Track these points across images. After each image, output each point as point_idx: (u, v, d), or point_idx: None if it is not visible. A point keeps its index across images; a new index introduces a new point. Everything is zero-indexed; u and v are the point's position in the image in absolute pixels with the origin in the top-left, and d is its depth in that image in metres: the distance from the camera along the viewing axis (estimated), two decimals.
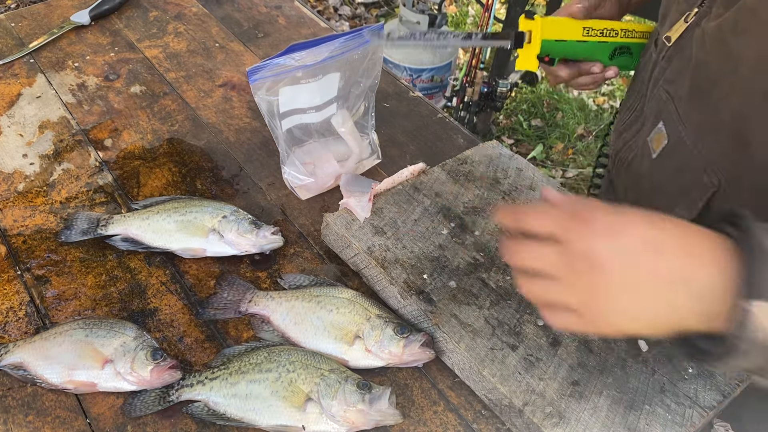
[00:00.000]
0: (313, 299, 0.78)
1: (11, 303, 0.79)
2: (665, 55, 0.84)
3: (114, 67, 1.18)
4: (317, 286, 0.80)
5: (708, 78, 0.76)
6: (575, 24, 0.87)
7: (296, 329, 0.76)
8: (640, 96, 0.92)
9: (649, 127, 0.88)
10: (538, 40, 0.84)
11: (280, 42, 1.27)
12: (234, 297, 0.80)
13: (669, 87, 0.84)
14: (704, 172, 0.78)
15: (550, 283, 0.54)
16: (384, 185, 0.90)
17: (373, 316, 0.75)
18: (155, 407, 0.69)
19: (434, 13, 2.52)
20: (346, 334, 0.74)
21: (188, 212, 0.86)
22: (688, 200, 0.81)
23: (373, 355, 0.73)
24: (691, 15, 0.79)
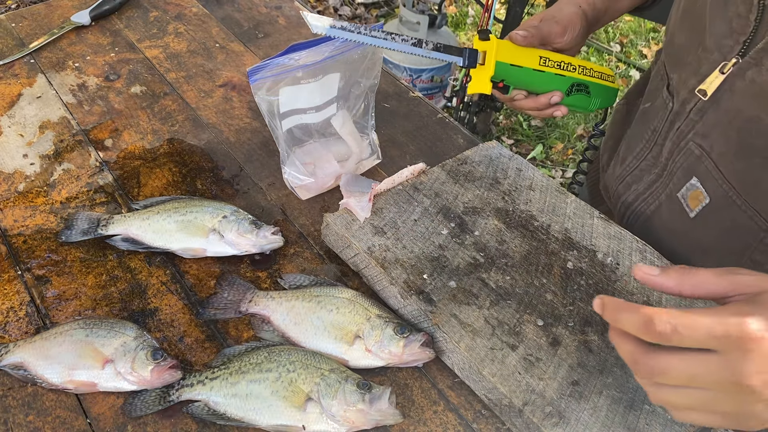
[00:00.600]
0: (314, 299, 0.78)
1: (11, 303, 0.79)
2: (694, 108, 0.77)
3: (114, 68, 1.18)
4: (317, 286, 0.80)
5: (764, 135, 0.69)
6: (531, 52, 0.84)
7: (296, 329, 0.76)
8: (650, 145, 0.86)
9: (676, 183, 0.82)
10: (492, 61, 0.80)
11: (280, 42, 1.27)
12: (234, 297, 0.80)
13: (702, 141, 0.77)
14: (766, 233, 0.73)
15: (703, 394, 0.50)
16: (384, 185, 0.90)
17: (373, 316, 0.75)
18: (155, 407, 0.69)
19: (434, 14, 2.53)
20: (346, 334, 0.75)
21: (188, 212, 0.86)
22: (752, 261, 0.75)
23: (373, 355, 0.73)
24: (729, 66, 0.71)
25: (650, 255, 0.84)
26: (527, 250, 0.84)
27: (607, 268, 0.82)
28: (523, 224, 0.87)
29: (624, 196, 0.91)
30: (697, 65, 0.76)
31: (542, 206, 0.90)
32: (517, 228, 0.87)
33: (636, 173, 0.89)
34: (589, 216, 0.89)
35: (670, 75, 0.83)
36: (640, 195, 0.88)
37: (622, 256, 0.84)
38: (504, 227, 0.87)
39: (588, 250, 0.84)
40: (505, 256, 0.83)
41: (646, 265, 0.54)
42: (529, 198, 0.91)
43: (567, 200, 0.91)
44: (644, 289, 0.80)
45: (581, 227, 0.87)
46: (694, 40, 0.77)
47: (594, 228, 0.87)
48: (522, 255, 0.83)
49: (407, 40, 0.79)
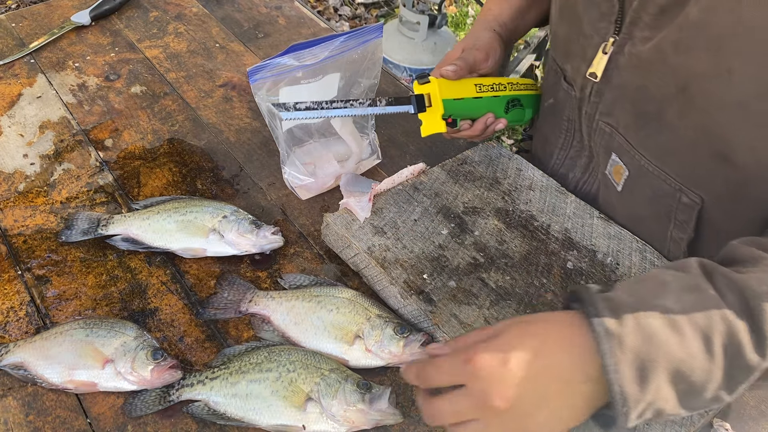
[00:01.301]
0: (314, 299, 0.78)
1: (12, 303, 0.79)
2: (592, 91, 0.83)
3: (114, 68, 1.18)
4: (317, 286, 0.81)
5: (652, 101, 0.75)
6: (467, 82, 0.88)
7: (296, 329, 0.76)
8: (569, 133, 0.92)
9: (602, 161, 0.88)
10: (439, 101, 0.84)
11: (280, 42, 1.27)
12: (234, 297, 0.80)
13: (608, 119, 0.83)
14: (681, 192, 0.77)
15: (476, 425, 0.55)
16: (384, 185, 0.90)
17: (373, 316, 0.75)
18: (156, 407, 0.69)
19: (434, 14, 2.52)
20: (346, 334, 0.75)
21: (188, 212, 0.86)
22: (678, 222, 0.80)
23: (373, 354, 0.73)
24: (608, 45, 0.78)
25: (650, 255, 0.84)
26: (527, 250, 0.84)
27: (607, 268, 0.82)
28: (523, 224, 0.87)
29: (567, 186, 0.96)
30: (583, 52, 0.83)
31: (542, 206, 0.90)
32: (517, 228, 0.87)
33: (568, 162, 0.95)
34: (589, 216, 0.89)
35: (563, 67, 0.90)
36: (579, 179, 0.95)
37: (622, 256, 0.84)
38: (504, 227, 0.87)
39: (588, 250, 0.84)
40: (505, 256, 0.83)
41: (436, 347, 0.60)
42: (529, 198, 0.91)
43: (567, 200, 0.91)
44: None
45: (581, 227, 0.87)
46: (574, 31, 0.84)
47: (594, 228, 0.87)
48: (522, 255, 0.83)
49: (363, 103, 0.83)
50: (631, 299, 0.55)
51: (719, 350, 0.53)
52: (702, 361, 0.53)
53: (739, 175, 0.71)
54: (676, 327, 0.53)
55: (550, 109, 0.96)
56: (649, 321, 0.53)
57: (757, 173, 0.70)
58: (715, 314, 0.54)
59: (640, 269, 0.82)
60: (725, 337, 0.53)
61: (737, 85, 0.65)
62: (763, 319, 0.53)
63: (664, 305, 0.54)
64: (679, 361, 0.53)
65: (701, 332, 0.53)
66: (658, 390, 0.53)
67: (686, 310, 0.54)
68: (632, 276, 0.81)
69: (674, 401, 0.54)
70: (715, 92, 0.67)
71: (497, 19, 0.98)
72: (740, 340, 0.53)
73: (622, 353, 0.52)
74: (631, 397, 0.52)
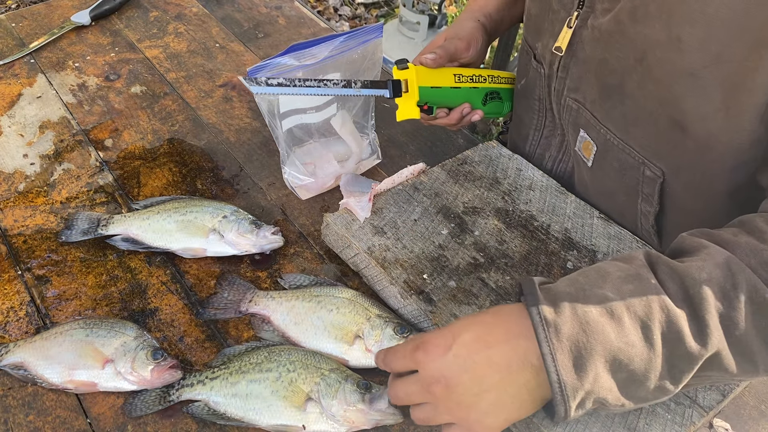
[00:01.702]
0: (314, 299, 0.78)
1: (12, 303, 0.79)
2: (559, 66, 0.84)
3: (114, 68, 1.18)
4: (317, 286, 0.81)
5: (614, 73, 0.75)
6: (446, 71, 0.89)
7: (296, 329, 0.76)
8: (541, 113, 0.94)
9: (572, 138, 0.89)
10: (415, 87, 0.85)
11: (280, 42, 1.27)
12: (234, 297, 0.80)
13: (575, 95, 0.84)
14: (644, 165, 0.79)
15: (427, 407, 0.59)
16: (384, 185, 0.90)
17: (374, 316, 0.75)
18: (156, 407, 0.69)
19: (434, 14, 2.53)
20: (346, 334, 0.75)
21: (188, 212, 0.86)
22: (644, 196, 0.82)
23: (373, 354, 0.73)
24: (573, 19, 0.79)
25: None
26: (527, 250, 0.84)
27: None
28: (523, 224, 0.87)
29: (542, 166, 0.97)
30: (551, 28, 0.84)
31: (542, 206, 0.90)
32: (517, 228, 0.87)
33: (543, 142, 0.97)
34: (589, 216, 0.89)
35: (533, 46, 0.91)
36: (555, 159, 0.96)
37: None
38: (504, 227, 0.87)
39: (588, 250, 0.84)
40: (505, 256, 0.83)
41: None
42: (529, 198, 0.91)
43: (567, 200, 0.91)
44: None
45: (581, 227, 0.87)
46: (544, 8, 0.85)
47: (594, 228, 0.87)
48: (522, 255, 0.83)
49: (338, 83, 0.83)
50: (570, 289, 0.56)
51: (658, 338, 0.53)
52: (641, 350, 0.53)
53: (694, 145, 0.72)
54: (613, 315, 0.54)
55: (522, 91, 0.97)
56: (586, 310, 0.54)
57: (709, 143, 0.71)
58: (655, 303, 0.54)
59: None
60: (664, 325, 0.53)
61: (687, 54, 0.66)
62: (702, 307, 0.53)
63: (603, 294, 0.55)
64: (617, 349, 0.53)
65: (639, 320, 0.53)
66: (597, 378, 0.53)
67: (625, 299, 0.54)
68: None
69: (615, 390, 0.54)
70: (669, 61, 0.68)
71: (482, 10, 0.99)
72: (680, 328, 0.53)
73: (558, 341, 0.53)
74: (569, 385, 0.53)
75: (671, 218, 0.83)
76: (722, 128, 0.69)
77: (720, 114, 0.68)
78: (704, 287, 0.54)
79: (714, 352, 0.54)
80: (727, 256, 0.56)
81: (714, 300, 0.54)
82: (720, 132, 0.69)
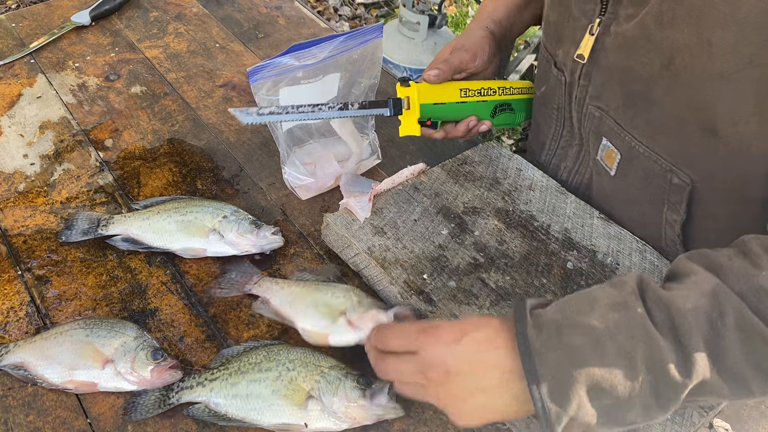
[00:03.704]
0: (313, 287, 0.79)
1: (12, 303, 0.79)
2: (581, 74, 0.84)
3: (114, 68, 1.18)
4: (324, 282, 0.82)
5: (639, 80, 0.75)
6: (452, 86, 0.89)
7: (290, 308, 0.78)
8: (559, 122, 0.93)
9: (593, 147, 0.88)
10: (416, 105, 0.86)
11: (280, 42, 1.27)
12: (241, 278, 0.82)
13: (598, 103, 0.83)
14: (671, 173, 0.78)
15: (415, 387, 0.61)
16: (384, 185, 0.90)
17: (365, 299, 0.77)
18: (155, 410, 0.69)
19: (434, 14, 2.52)
20: (332, 311, 0.75)
21: (189, 212, 0.86)
22: (671, 204, 0.81)
23: (355, 329, 0.74)
24: (595, 26, 0.78)
25: (650, 255, 0.84)
26: (527, 250, 0.84)
27: (607, 269, 0.82)
28: (523, 224, 0.87)
29: (558, 177, 0.96)
30: (572, 35, 0.83)
31: (542, 206, 0.90)
32: (517, 228, 0.87)
33: (560, 152, 0.95)
34: (589, 216, 0.89)
35: (553, 53, 0.90)
36: (571, 170, 0.95)
37: (622, 256, 0.84)
38: (504, 227, 0.87)
39: (588, 250, 0.84)
40: (505, 257, 0.83)
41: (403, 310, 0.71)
42: (529, 198, 0.91)
43: (567, 200, 0.91)
44: None
45: (581, 227, 0.87)
46: (564, 15, 0.84)
47: (594, 228, 0.87)
48: (522, 255, 0.83)
49: (333, 107, 0.84)
50: (557, 316, 0.57)
51: (642, 367, 0.54)
52: (623, 378, 0.54)
53: (726, 150, 0.71)
54: (597, 345, 0.54)
55: (541, 99, 0.96)
56: (571, 339, 0.55)
57: (741, 148, 0.70)
58: (639, 333, 0.55)
59: (640, 269, 0.82)
60: (647, 355, 0.54)
61: (717, 57, 0.65)
62: (687, 336, 0.54)
63: (589, 323, 0.56)
64: (600, 377, 0.54)
65: (623, 350, 0.54)
66: (581, 406, 0.54)
67: (609, 329, 0.55)
68: None
69: (599, 417, 0.55)
70: (698, 65, 0.67)
71: (491, 17, 0.98)
72: (663, 358, 0.54)
73: (542, 367, 0.54)
74: (552, 413, 0.54)
75: (699, 226, 0.81)
76: (756, 132, 0.68)
77: (754, 118, 0.67)
78: (689, 317, 0.54)
79: (700, 380, 0.54)
80: (715, 284, 0.56)
81: (699, 329, 0.54)
82: (753, 136, 0.68)
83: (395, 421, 0.71)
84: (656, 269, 0.82)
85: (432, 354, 0.59)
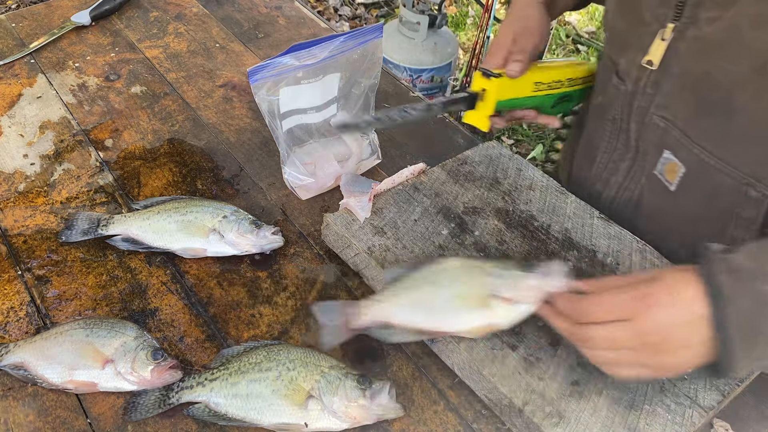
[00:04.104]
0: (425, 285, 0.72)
1: (12, 303, 0.79)
2: (648, 82, 0.80)
3: (114, 68, 1.18)
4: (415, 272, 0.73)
5: (719, 87, 0.71)
6: (527, 80, 0.86)
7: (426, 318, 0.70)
8: (613, 134, 0.88)
9: (650, 161, 0.83)
10: (492, 101, 0.83)
11: (280, 42, 1.27)
12: (339, 318, 0.72)
13: (664, 113, 0.79)
14: (748, 186, 0.74)
15: (622, 352, 0.62)
16: (384, 185, 0.90)
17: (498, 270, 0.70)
18: (155, 410, 0.69)
19: (434, 14, 2.52)
20: (479, 298, 0.69)
21: (189, 212, 0.86)
22: (741, 220, 0.77)
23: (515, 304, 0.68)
24: (668, 31, 0.74)
25: (650, 255, 0.84)
26: (527, 250, 0.84)
27: (607, 269, 0.82)
28: (523, 224, 0.87)
29: (605, 192, 0.93)
30: (640, 42, 0.79)
31: (542, 206, 0.90)
32: (517, 228, 0.87)
33: (611, 166, 0.91)
34: (589, 216, 0.89)
35: (616, 61, 0.85)
36: (621, 185, 0.90)
37: (622, 256, 0.84)
38: (504, 227, 0.87)
39: (588, 250, 0.84)
40: (505, 256, 0.83)
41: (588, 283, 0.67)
42: (529, 198, 0.91)
43: (567, 200, 0.91)
44: None
45: (581, 227, 0.87)
46: (633, 20, 0.80)
47: (594, 228, 0.87)
48: (522, 255, 0.83)
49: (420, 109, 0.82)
50: (750, 264, 0.59)
51: None
52: None
53: None
54: None
55: (596, 110, 0.92)
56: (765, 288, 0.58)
57: None
58: None
59: (640, 269, 0.82)
60: None
61: None
62: None
63: None
64: None
65: None
66: (764, 352, 0.58)
67: None
68: None
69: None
70: None
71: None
72: None
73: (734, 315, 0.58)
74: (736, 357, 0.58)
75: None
76: None
77: None
78: None
79: None
80: None
81: None
82: None
83: (395, 421, 0.71)
84: (656, 269, 0.82)
85: (652, 320, 0.60)
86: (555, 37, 3.34)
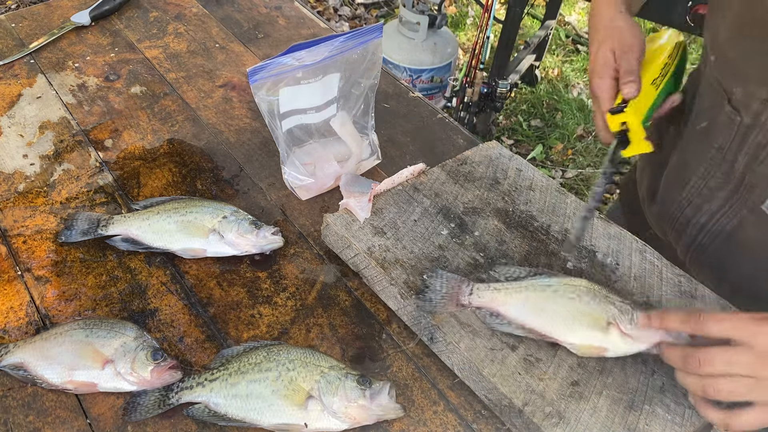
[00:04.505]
0: (547, 289, 0.75)
1: (11, 303, 0.79)
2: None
3: (114, 68, 1.18)
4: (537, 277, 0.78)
5: None
6: (647, 83, 0.84)
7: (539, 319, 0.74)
8: (714, 162, 0.83)
9: (760, 195, 0.79)
10: (638, 125, 0.81)
11: (280, 42, 1.27)
12: (450, 290, 0.76)
13: None
14: None
15: (747, 381, 0.60)
16: (384, 185, 0.90)
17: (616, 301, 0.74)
18: (155, 411, 0.69)
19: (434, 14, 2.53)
20: (598, 321, 0.72)
21: (188, 213, 0.86)
22: None
23: (630, 339, 0.71)
24: None
25: (650, 255, 0.84)
26: (527, 250, 0.84)
27: (607, 269, 0.82)
28: (523, 224, 0.87)
29: (695, 218, 0.88)
30: (762, 74, 0.74)
31: (542, 206, 0.90)
32: (517, 228, 0.87)
33: (705, 192, 0.86)
34: None
35: (730, 90, 0.80)
36: (714, 214, 0.85)
37: (622, 257, 0.84)
38: (504, 227, 0.87)
39: (588, 250, 0.84)
40: (505, 257, 0.83)
41: None
42: (529, 198, 0.91)
43: (567, 200, 0.91)
44: (644, 289, 0.80)
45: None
46: (756, 50, 0.74)
47: (594, 228, 0.87)
48: (522, 255, 0.83)
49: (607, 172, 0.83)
50: None
51: None
52: None
53: None
54: None
55: (699, 134, 0.87)
56: None
57: None
58: None
59: (640, 269, 0.82)
60: None
61: None
62: None
63: None
64: None
65: None
66: None
67: None
68: (633, 276, 0.81)
69: None
70: None
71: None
72: None
73: None
74: None
75: None
76: None
77: None
78: None
79: None
80: None
81: None
82: None
83: (395, 421, 0.71)
84: (656, 269, 0.82)
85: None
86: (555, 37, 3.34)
